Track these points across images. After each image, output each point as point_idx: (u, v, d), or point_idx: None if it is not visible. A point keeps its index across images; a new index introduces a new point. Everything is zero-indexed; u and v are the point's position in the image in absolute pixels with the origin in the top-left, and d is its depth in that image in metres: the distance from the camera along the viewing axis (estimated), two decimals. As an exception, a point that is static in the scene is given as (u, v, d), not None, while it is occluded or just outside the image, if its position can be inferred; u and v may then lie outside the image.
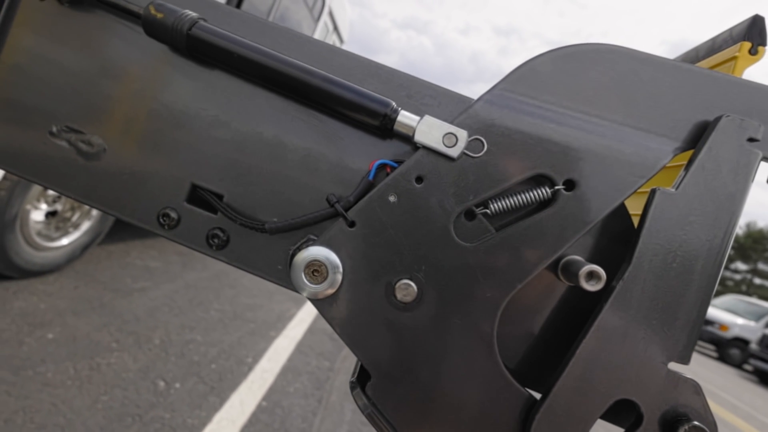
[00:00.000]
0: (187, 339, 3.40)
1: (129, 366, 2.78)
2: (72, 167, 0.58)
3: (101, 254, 4.38)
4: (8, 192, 2.79)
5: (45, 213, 3.28)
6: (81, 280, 3.66)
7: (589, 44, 0.54)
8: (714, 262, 0.49)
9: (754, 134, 0.49)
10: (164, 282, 4.32)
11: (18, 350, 2.51)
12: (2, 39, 0.59)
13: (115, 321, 3.23)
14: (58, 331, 2.84)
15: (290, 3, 4.72)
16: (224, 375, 3.12)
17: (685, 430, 0.47)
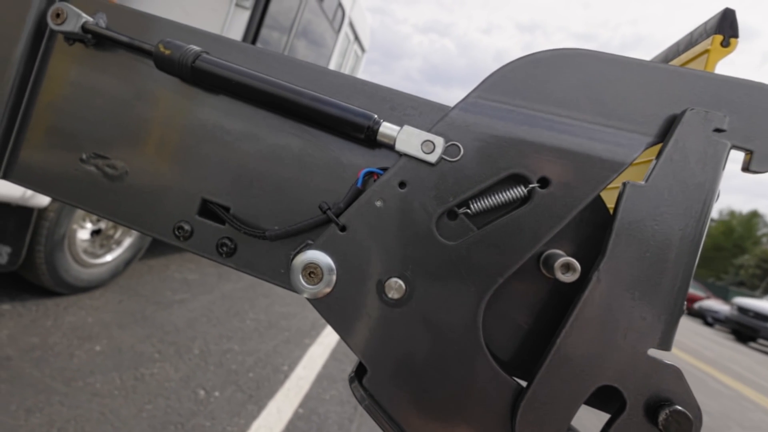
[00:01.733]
0: (225, 348, 3.51)
1: (171, 376, 2.90)
2: (99, 189, 0.65)
3: (143, 269, 4.59)
4: (56, 213, 2.97)
5: (90, 231, 3.47)
6: (125, 294, 3.84)
7: (557, 49, 0.57)
8: (688, 250, 0.51)
9: (719, 125, 0.51)
10: (202, 293, 4.48)
11: (69, 362, 2.67)
12: (40, 81, 0.68)
13: (157, 332, 3.38)
14: (104, 344, 2.99)
15: (311, 16, 4.85)
16: (261, 383, 3.21)
17: (666, 414, 0.49)
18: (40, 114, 0.67)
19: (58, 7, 0.64)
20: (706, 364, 9.42)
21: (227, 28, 3.03)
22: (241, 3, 3.03)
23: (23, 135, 0.67)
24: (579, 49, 0.56)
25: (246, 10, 3.04)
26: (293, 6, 4.26)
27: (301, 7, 4.47)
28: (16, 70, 0.65)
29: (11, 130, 0.66)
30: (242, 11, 3.04)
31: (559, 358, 0.51)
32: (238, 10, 3.04)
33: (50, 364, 2.60)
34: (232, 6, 3.02)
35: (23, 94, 0.67)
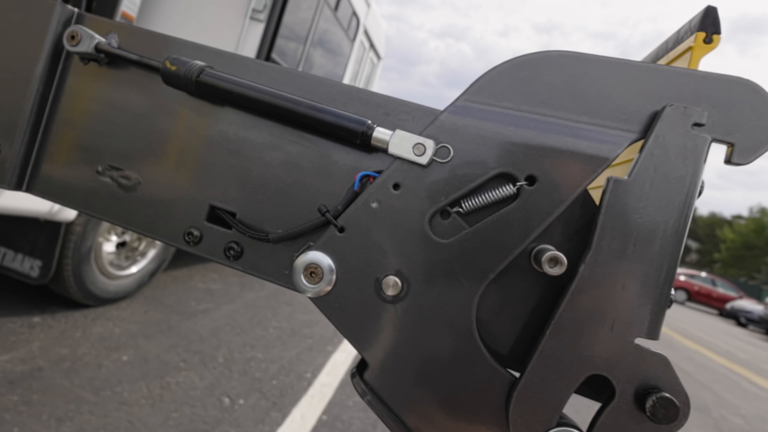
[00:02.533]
0: (249, 356, 3.58)
1: (196, 384, 2.98)
2: (115, 199, 0.70)
3: (167, 279, 4.71)
4: (83, 227, 3.09)
5: (115, 244, 3.59)
6: (150, 305, 3.95)
7: (542, 52, 0.59)
8: (672, 241, 0.52)
9: (698, 119, 0.53)
10: (225, 303, 4.57)
11: (98, 372, 2.76)
12: (59, 99, 0.73)
13: (182, 342, 3.47)
14: (131, 354, 3.08)
15: (326, 26, 4.94)
16: (285, 390, 3.26)
17: (653, 400, 0.51)
18: (59, 130, 0.72)
19: (73, 30, 0.69)
20: (740, 366, 9.14)
21: (242, 41, 3.11)
22: (255, 16, 3.12)
23: (44, 150, 0.72)
24: (562, 51, 0.59)
25: (260, 22, 3.13)
26: (308, 17, 4.34)
27: (316, 17, 4.55)
28: (36, 89, 0.71)
29: (33, 146, 0.72)
30: (257, 24, 3.13)
31: (550, 349, 0.53)
32: (252, 23, 3.13)
33: (80, 374, 2.70)
34: (246, 19, 3.11)
35: (43, 111, 0.72)
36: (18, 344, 2.80)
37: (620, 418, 0.52)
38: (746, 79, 0.55)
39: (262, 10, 3.11)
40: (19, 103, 0.70)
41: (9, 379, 2.46)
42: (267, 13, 3.10)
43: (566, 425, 0.53)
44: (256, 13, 3.11)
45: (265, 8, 3.11)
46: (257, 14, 3.11)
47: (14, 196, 2.46)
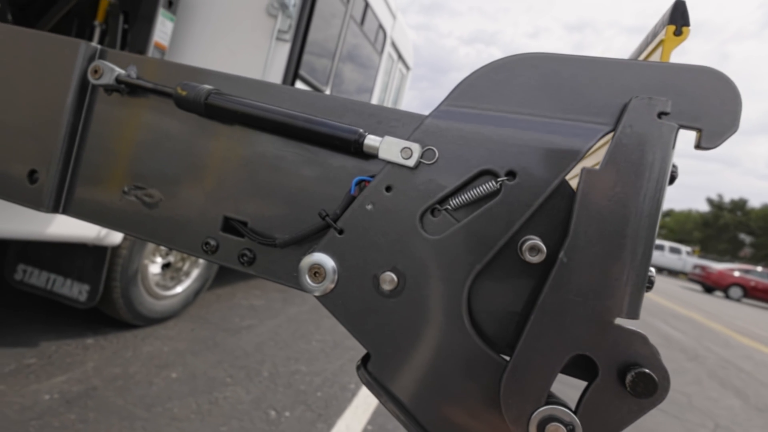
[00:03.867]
0: (293, 370, 3.69)
1: (243, 398, 3.10)
2: (140, 216, 0.79)
3: (211, 298, 4.90)
4: (128, 250, 3.28)
5: (160, 265, 3.78)
6: (196, 323, 4.13)
7: (516, 55, 0.64)
8: (646, 225, 0.56)
9: (663, 109, 0.56)
10: (268, 318, 4.72)
11: (149, 390, 2.92)
12: (88, 127, 0.83)
13: (228, 357, 3.61)
14: (180, 371, 3.24)
15: (354, 40, 5.08)
16: (330, 402, 3.34)
17: (632, 375, 0.54)
18: (89, 156, 0.82)
19: (96, 65, 0.80)
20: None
21: (270, 62, 3.26)
22: (281, 37, 3.27)
23: (77, 175, 0.83)
24: (535, 53, 0.64)
25: (286, 42, 3.27)
26: (334, 33, 4.49)
27: (343, 33, 4.70)
28: (67, 119, 0.81)
29: (66, 172, 0.82)
30: (283, 44, 3.28)
31: (535, 332, 0.58)
32: (278, 43, 3.27)
33: (132, 392, 2.86)
34: (273, 41, 3.26)
35: (74, 139, 0.83)
36: (73, 365, 2.99)
37: (604, 395, 0.55)
38: (710, 68, 0.58)
39: (287, 31, 3.26)
40: (53, 133, 0.80)
41: (66, 398, 2.64)
42: (292, 33, 3.25)
43: (555, 403, 0.57)
44: (282, 34, 3.26)
45: (290, 29, 3.26)
46: (283, 35, 3.26)
47: (62, 224, 2.66)
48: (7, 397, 2.52)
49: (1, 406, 2.45)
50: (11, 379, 2.68)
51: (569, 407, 0.57)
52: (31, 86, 0.82)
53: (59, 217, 2.63)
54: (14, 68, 0.84)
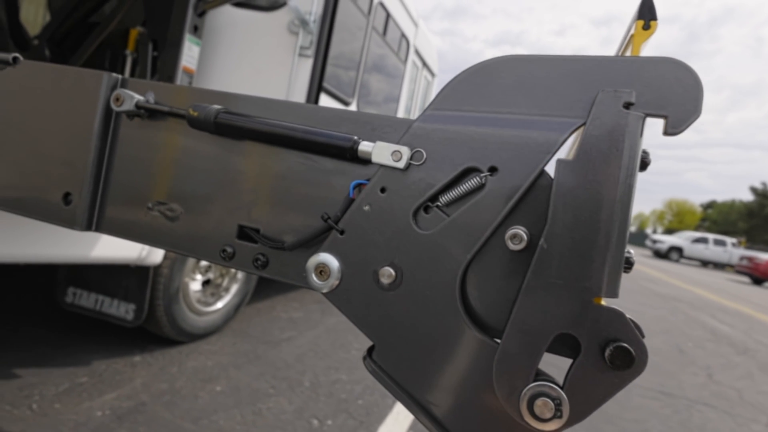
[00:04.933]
0: (334, 379, 3.77)
1: (285, 408, 3.19)
2: (163, 228, 0.88)
3: (251, 312, 5.06)
4: (169, 269, 3.45)
5: (201, 282, 3.95)
6: (237, 337, 4.28)
7: (492, 59, 0.70)
8: (620, 209, 0.60)
9: (628, 99, 0.60)
10: (307, 330, 4.84)
11: (195, 403, 3.05)
12: (114, 150, 0.93)
13: (270, 369, 3.73)
14: (224, 384, 3.37)
15: (377, 51, 5.19)
16: (371, 409, 3.40)
17: (611, 350, 0.58)
18: (117, 177, 0.92)
19: (117, 93, 0.89)
20: None
21: (294, 77, 3.40)
22: (303, 53, 3.40)
23: (106, 195, 0.93)
24: (511, 55, 0.69)
25: (309, 58, 3.40)
26: (357, 46, 4.62)
27: (365, 44, 4.82)
28: (95, 145, 0.91)
29: (97, 193, 0.92)
30: (305, 60, 3.41)
31: (521, 315, 0.63)
32: (301, 59, 3.41)
33: (179, 406, 3.00)
34: (296, 57, 3.39)
35: (102, 163, 0.93)
36: (122, 382, 3.16)
37: (587, 370, 0.60)
38: (672, 58, 0.62)
39: (309, 47, 3.39)
40: (83, 158, 0.91)
41: (117, 414, 2.80)
42: (314, 48, 3.38)
43: (543, 380, 0.62)
44: (304, 50, 3.39)
45: (312, 44, 3.38)
46: (305, 51, 3.40)
47: (105, 247, 2.84)
48: (62, 415, 2.69)
49: (57, 423, 2.62)
50: (65, 397, 2.86)
51: (557, 383, 0.62)
52: (63, 117, 0.93)
53: (101, 239, 2.81)
54: (47, 101, 0.95)
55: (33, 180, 0.94)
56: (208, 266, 4.00)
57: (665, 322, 9.07)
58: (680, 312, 10.75)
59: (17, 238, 2.41)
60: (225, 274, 4.19)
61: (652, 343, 7.19)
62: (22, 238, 2.42)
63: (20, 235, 2.41)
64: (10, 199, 0.97)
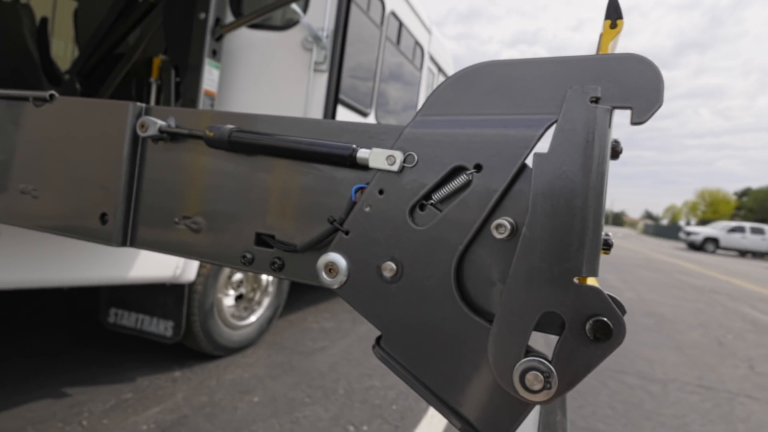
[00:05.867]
0: (367, 386, 3.84)
1: (322, 416, 3.28)
2: (189, 240, 0.97)
3: (284, 324, 5.19)
4: (203, 286, 3.60)
5: (234, 297, 4.09)
6: (272, 349, 4.40)
7: (471, 66, 0.77)
8: (594, 195, 0.65)
9: (594, 94, 0.66)
10: (339, 339, 4.93)
11: (234, 414, 3.17)
12: (143, 172, 1.03)
13: (305, 379, 3.83)
14: (261, 395, 3.48)
15: (392, 60, 5.30)
16: (405, 414, 3.46)
17: (590, 324, 0.64)
18: (146, 196, 1.02)
19: (142, 120, 0.99)
20: None
21: (311, 92, 3.53)
22: (318, 68, 3.53)
23: (138, 213, 1.03)
24: (490, 61, 0.76)
25: (324, 72, 3.53)
26: (372, 57, 4.74)
27: (380, 54, 4.93)
28: (125, 169, 1.01)
29: (129, 212, 1.02)
30: (321, 74, 3.53)
31: (509, 298, 0.69)
32: (317, 74, 3.53)
33: (219, 418, 3.12)
34: (311, 72, 3.52)
35: (133, 183, 1.03)
36: (165, 397, 3.30)
37: (572, 344, 0.66)
38: (634, 54, 0.68)
39: (323, 62, 3.52)
40: (115, 182, 1.01)
41: (162, 428, 2.93)
42: (328, 63, 3.50)
43: (533, 356, 0.68)
44: (318, 65, 3.52)
45: (326, 59, 3.51)
46: (319, 66, 3.52)
47: (141, 267, 2.99)
48: (110, 430, 2.84)
49: (107, 438, 2.77)
50: (113, 413, 3.01)
51: (546, 357, 0.68)
52: (96, 145, 1.04)
53: (138, 260, 2.96)
54: (81, 132, 1.06)
55: (73, 203, 1.05)
56: (239, 281, 4.14)
57: (703, 315, 8.88)
58: (718, 304, 10.49)
59: (64, 264, 2.62)
60: (256, 288, 4.32)
61: (690, 336, 7.04)
62: (67, 264, 2.64)
63: (66, 261, 2.62)
64: (54, 223, 1.08)
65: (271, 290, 4.43)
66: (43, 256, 2.51)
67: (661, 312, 8.64)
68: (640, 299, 9.79)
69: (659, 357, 5.71)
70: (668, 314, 8.51)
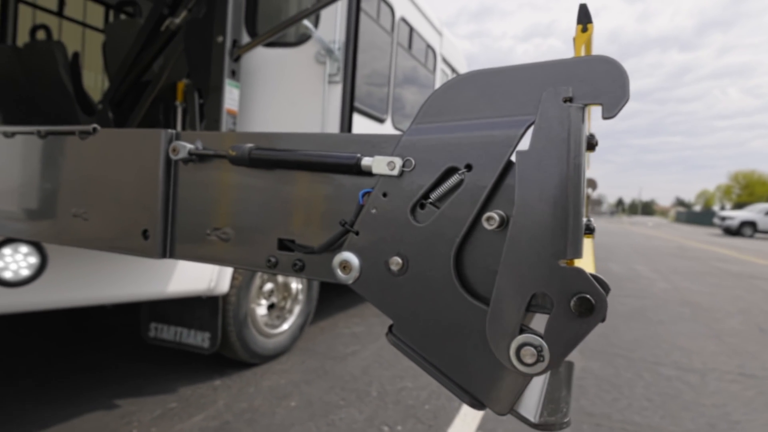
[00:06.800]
0: (400, 387, 3.92)
1: (356, 418, 3.37)
2: (220, 249, 1.08)
3: (315, 330, 5.31)
4: (236, 297, 3.74)
5: (266, 307, 4.23)
6: (305, 355, 4.52)
7: (459, 76, 0.85)
8: (572, 184, 0.72)
9: (566, 95, 0.73)
10: (370, 342, 5.02)
11: (273, 419, 3.28)
12: (177, 191, 1.15)
13: (338, 383, 3.93)
14: (297, 399, 3.59)
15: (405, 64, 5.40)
16: (438, 413, 3.52)
17: (574, 301, 0.71)
18: (181, 213, 1.13)
19: (173, 145, 1.11)
20: None
21: (326, 104, 3.65)
22: (332, 80, 3.65)
23: (174, 227, 1.14)
24: (475, 70, 0.85)
25: (338, 83, 3.65)
26: (385, 64, 4.85)
27: (393, 61, 5.04)
28: (162, 189, 1.12)
29: (167, 227, 1.14)
30: (335, 86, 3.65)
31: (502, 282, 0.77)
32: (331, 86, 3.66)
33: (259, 423, 3.23)
34: (325, 84, 3.65)
35: (168, 201, 1.14)
36: (207, 405, 3.44)
37: (559, 320, 0.73)
38: (601, 55, 0.75)
39: (336, 73, 3.64)
40: (154, 201, 1.12)
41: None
42: (341, 74, 3.62)
43: (527, 332, 0.75)
44: (332, 77, 3.65)
45: (339, 71, 3.63)
46: (333, 77, 3.65)
47: (177, 282, 3.14)
48: (158, 438, 2.99)
49: (155, 446, 2.92)
50: (160, 422, 3.16)
51: (539, 333, 0.75)
52: (135, 169, 1.16)
53: (174, 276, 3.12)
54: (122, 159, 1.19)
55: (118, 223, 1.17)
56: (270, 291, 4.27)
57: (742, 302, 8.62)
58: (758, 290, 10.17)
59: (109, 283, 2.87)
60: (287, 296, 4.45)
61: (729, 324, 6.88)
62: (112, 283, 2.89)
63: (111, 279, 2.87)
64: (103, 241, 1.20)
65: (301, 298, 4.56)
66: (90, 276, 2.73)
67: (698, 301, 8.44)
68: (674, 289, 9.58)
69: (697, 347, 5.61)
70: (705, 303, 8.31)
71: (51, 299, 2.64)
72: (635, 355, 5.20)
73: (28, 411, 3.21)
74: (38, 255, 2.51)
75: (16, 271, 2.46)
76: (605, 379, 4.43)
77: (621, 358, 5.07)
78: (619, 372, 4.63)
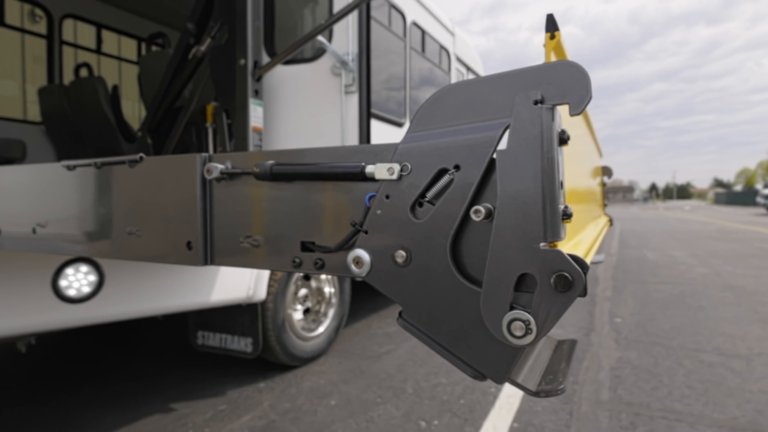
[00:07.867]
0: (434, 383, 4.00)
1: (394, 414, 3.47)
2: (252, 254, 1.21)
3: (350, 332, 5.44)
4: (273, 303, 3.90)
5: (302, 311, 4.38)
6: (342, 356, 4.66)
7: (443, 88, 0.96)
8: (548, 176, 0.81)
9: (536, 98, 0.82)
10: (403, 341, 5.12)
11: (315, 417, 3.42)
12: (212, 207, 1.28)
13: (375, 381, 4.04)
14: (336, 398, 3.72)
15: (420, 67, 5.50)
16: (473, 407, 3.59)
17: (553, 279, 0.80)
18: (217, 224, 1.27)
19: (207, 167, 1.24)
20: None
21: (345, 114, 3.79)
22: (348, 90, 3.80)
23: (213, 238, 1.27)
24: (454, 83, 0.95)
25: (354, 93, 3.79)
26: (399, 69, 4.96)
27: (407, 65, 5.15)
28: (199, 205, 1.26)
29: (206, 238, 1.27)
30: (352, 95, 3.79)
31: (491, 265, 0.87)
32: (348, 96, 3.80)
33: (302, 421, 3.37)
34: (342, 95, 3.79)
35: (206, 216, 1.27)
36: (253, 406, 3.60)
37: (544, 297, 0.82)
38: (564, 60, 0.85)
39: (352, 84, 3.78)
40: (194, 216, 1.26)
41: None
42: (356, 84, 3.76)
43: (516, 309, 0.85)
44: (348, 88, 3.79)
45: (354, 81, 3.77)
46: (349, 88, 3.79)
47: (219, 292, 3.33)
48: (210, 438, 3.16)
49: (207, 446, 3.10)
50: (212, 422, 3.34)
51: (526, 309, 0.85)
52: (176, 190, 1.30)
53: (216, 286, 3.31)
54: (165, 181, 1.33)
55: (166, 237, 1.32)
56: (305, 296, 4.43)
57: (790, 284, 8.25)
58: (809, 269, 9.74)
59: (161, 295, 3.17)
60: (321, 300, 4.60)
61: (776, 308, 6.59)
62: (163, 295, 3.18)
63: (162, 292, 3.17)
64: (154, 254, 1.35)
65: (335, 301, 4.70)
66: (142, 290, 3.02)
67: (741, 284, 8.11)
68: (714, 273, 9.24)
69: (741, 332, 5.40)
70: (749, 286, 7.98)
71: (110, 312, 2.88)
72: (674, 343, 5.06)
73: (97, 416, 3.47)
74: (96, 273, 2.76)
75: (78, 289, 2.71)
76: (643, 368, 4.36)
77: (659, 346, 4.98)
78: (657, 361, 4.54)
